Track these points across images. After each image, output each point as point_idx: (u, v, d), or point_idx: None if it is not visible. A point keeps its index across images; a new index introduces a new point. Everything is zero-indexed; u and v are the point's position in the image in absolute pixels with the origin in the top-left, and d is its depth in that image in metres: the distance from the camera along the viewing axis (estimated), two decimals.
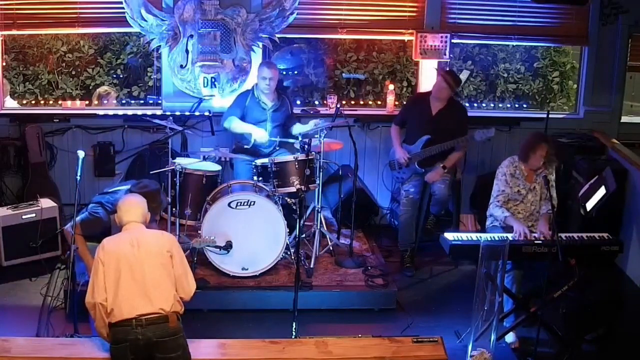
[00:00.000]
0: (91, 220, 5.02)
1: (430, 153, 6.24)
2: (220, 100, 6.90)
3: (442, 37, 7.03)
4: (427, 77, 7.18)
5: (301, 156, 5.88)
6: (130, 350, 3.89)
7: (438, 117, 6.31)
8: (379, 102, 7.60)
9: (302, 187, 5.75)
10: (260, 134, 6.17)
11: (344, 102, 7.45)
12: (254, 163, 6.04)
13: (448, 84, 6.24)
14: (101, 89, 7.27)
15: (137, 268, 3.96)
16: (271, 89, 6.20)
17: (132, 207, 4.19)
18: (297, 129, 6.33)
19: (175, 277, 4.05)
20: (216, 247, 5.55)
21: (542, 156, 5.30)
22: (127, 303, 3.89)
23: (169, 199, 5.74)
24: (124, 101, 7.40)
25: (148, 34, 6.73)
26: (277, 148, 6.37)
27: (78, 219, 4.87)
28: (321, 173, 6.12)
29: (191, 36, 6.78)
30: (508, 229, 5.33)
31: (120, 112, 7.05)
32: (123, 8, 6.63)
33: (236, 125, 6.23)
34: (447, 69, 6.61)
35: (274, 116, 6.29)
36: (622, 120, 7.67)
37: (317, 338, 4.48)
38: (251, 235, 5.71)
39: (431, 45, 7.03)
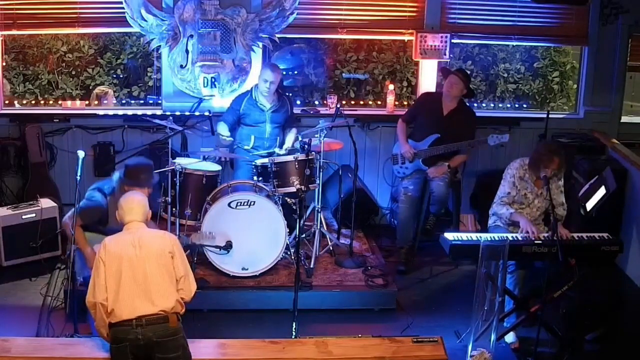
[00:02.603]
0: (90, 207, 4.95)
1: (436, 152, 6.23)
2: (220, 100, 6.90)
3: (442, 37, 7.03)
4: (427, 77, 7.19)
5: (301, 156, 5.88)
6: (130, 350, 3.89)
7: (448, 118, 6.30)
8: (379, 102, 7.60)
9: (302, 187, 5.75)
10: (227, 141, 6.17)
11: (344, 102, 7.45)
12: (254, 163, 6.04)
13: (460, 79, 6.23)
14: (97, 90, 7.27)
15: (139, 269, 3.96)
16: (270, 92, 6.20)
17: (134, 206, 4.18)
18: (287, 139, 6.30)
19: (177, 277, 4.05)
20: (216, 247, 5.56)
21: (554, 169, 5.27)
22: (127, 304, 3.89)
23: (169, 199, 5.74)
24: (124, 101, 7.40)
25: (148, 34, 6.73)
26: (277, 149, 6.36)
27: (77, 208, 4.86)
28: (321, 173, 6.12)
29: (191, 36, 6.78)
30: (513, 226, 5.32)
31: (120, 112, 7.05)
32: (123, 8, 6.63)
33: (221, 130, 6.25)
34: (458, 68, 6.62)
35: (273, 117, 6.29)
36: (622, 120, 7.67)
37: (317, 338, 4.48)
38: (251, 235, 5.71)
39: (431, 45, 7.03)
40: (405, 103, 7.56)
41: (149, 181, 4.95)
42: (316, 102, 7.57)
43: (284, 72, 7.38)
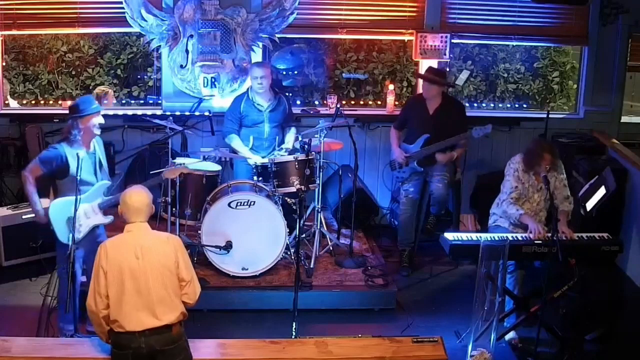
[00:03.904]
0: (48, 155, 4.91)
1: (429, 151, 6.24)
2: (220, 100, 6.90)
3: (442, 37, 7.03)
4: None
5: (301, 156, 5.88)
6: (133, 357, 3.84)
7: (436, 116, 6.31)
8: (379, 102, 7.60)
9: (302, 187, 5.75)
10: (255, 159, 6.11)
11: (344, 102, 7.45)
12: (254, 163, 6.04)
13: (430, 81, 6.25)
14: (98, 89, 7.26)
15: (142, 281, 3.85)
16: (265, 88, 6.19)
17: (143, 207, 4.01)
18: (287, 139, 6.32)
19: (181, 283, 3.95)
20: (216, 247, 5.56)
21: (546, 165, 5.27)
22: (131, 317, 3.82)
23: (169, 199, 5.74)
24: (124, 101, 7.40)
25: (148, 34, 6.73)
26: (277, 149, 6.35)
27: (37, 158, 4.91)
28: (321, 173, 6.12)
29: (191, 36, 6.78)
30: (520, 227, 5.31)
31: (120, 112, 7.05)
32: (123, 8, 6.63)
33: (235, 145, 6.23)
34: (427, 68, 6.59)
35: (272, 116, 6.28)
36: (622, 120, 7.67)
37: (317, 338, 4.48)
38: (251, 235, 5.71)
39: (431, 45, 7.04)
40: (403, 106, 7.55)
41: (89, 110, 4.92)
42: (316, 102, 7.57)
43: (284, 72, 7.38)
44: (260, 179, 5.95)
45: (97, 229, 5.01)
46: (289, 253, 5.97)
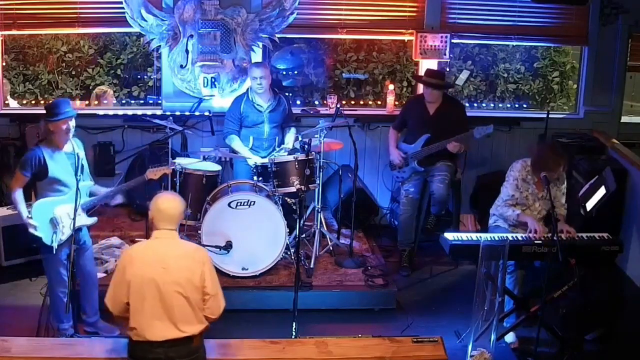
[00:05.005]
0: (28, 157, 4.87)
1: (430, 151, 6.24)
2: (220, 100, 6.90)
3: (442, 37, 7.03)
4: None
5: (301, 156, 5.88)
6: None
7: (436, 116, 6.31)
8: (379, 102, 7.61)
9: (302, 187, 5.75)
10: (255, 159, 6.10)
11: (344, 102, 7.45)
12: (253, 163, 6.04)
13: (431, 85, 6.24)
14: (97, 89, 7.28)
15: (165, 292, 3.74)
16: (264, 88, 6.19)
17: (176, 215, 3.90)
18: (287, 140, 6.32)
19: (205, 296, 3.85)
20: (216, 247, 5.56)
21: (561, 171, 5.26)
22: (151, 326, 3.74)
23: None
24: (124, 101, 7.40)
25: (148, 34, 6.73)
26: (277, 149, 6.35)
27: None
28: (321, 173, 6.12)
29: (191, 36, 6.78)
30: (519, 227, 5.31)
31: (120, 112, 7.06)
32: (123, 8, 6.63)
33: (235, 145, 6.23)
34: (426, 70, 6.58)
35: (271, 117, 6.28)
36: (622, 120, 7.68)
37: (317, 338, 4.48)
38: (251, 235, 5.71)
39: (431, 45, 7.04)
40: (403, 106, 7.55)
41: (60, 116, 4.84)
42: (316, 102, 7.57)
43: (284, 72, 7.38)
44: (260, 179, 5.95)
45: (79, 230, 4.98)
46: (289, 253, 5.97)
